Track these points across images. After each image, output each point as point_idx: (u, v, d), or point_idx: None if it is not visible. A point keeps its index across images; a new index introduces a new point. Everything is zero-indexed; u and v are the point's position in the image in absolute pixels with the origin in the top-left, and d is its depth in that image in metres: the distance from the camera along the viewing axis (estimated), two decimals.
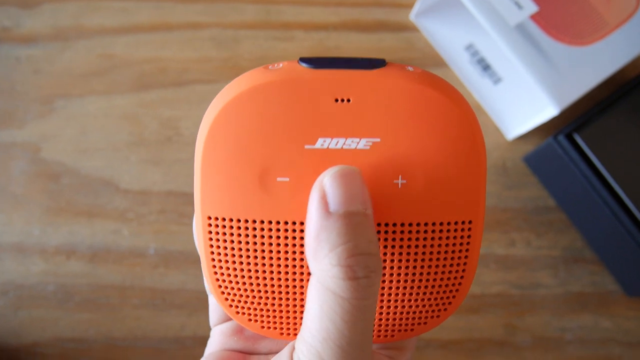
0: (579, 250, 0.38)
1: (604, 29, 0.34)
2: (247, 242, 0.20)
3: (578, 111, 0.38)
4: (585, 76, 0.33)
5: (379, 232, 0.20)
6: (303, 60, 0.19)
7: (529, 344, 0.37)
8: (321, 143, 0.19)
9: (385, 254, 0.20)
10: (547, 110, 0.34)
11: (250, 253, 0.20)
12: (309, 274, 0.20)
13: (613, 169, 0.34)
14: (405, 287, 0.21)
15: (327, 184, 0.18)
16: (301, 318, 0.21)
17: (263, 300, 0.21)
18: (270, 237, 0.20)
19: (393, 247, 0.20)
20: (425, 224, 0.20)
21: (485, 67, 0.39)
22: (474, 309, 0.37)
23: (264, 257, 0.20)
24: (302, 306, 0.21)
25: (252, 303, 0.21)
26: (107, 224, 0.38)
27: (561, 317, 0.38)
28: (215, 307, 0.25)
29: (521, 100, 0.38)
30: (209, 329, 0.26)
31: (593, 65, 0.33)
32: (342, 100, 0.19)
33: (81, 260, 0.38)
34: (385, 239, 0.20)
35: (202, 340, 0.37)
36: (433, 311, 0.21)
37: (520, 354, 0.37)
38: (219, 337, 0.24)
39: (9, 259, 0.38)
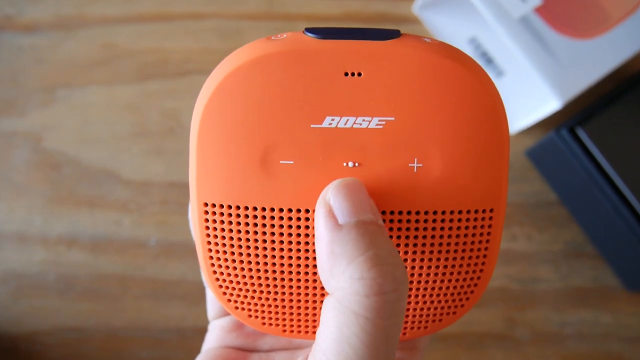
0: (580, 245, 0.38)
1: (607, 22, 0.33)
2: (247, 232, 0.18)
3: (581, 105, 0.37)
4: (588, 69, 0.33)
5: (391, 220, 0.18)
6: (309, 30, 0.17)
7: (528, 338, 0.37)
8: (329, 122, 0.17)
9: (398, 244, 0.19)
10: (549, 104, 0.34)
11: (251, 243, 0.18)
12: (315, 266, 0.19)
13: (616, 163, 0.34)
14: (419, 282, 0.19)
15: (331, 197, 0.17)
16: (306, 314, 0.20)
17: (264, 295, 0.19)
18: (273, 225, 0.18)
19: (407, 237, 0.18)
20: (443, 213, 0.18)
21: (488, 60, 0.39)
22: None
23: (265, 248, 0.19)
24: (307, 302, 0.20)
25: (253, 298, 0.19)
26: (109, 214, 0.38)
27: (561, 312, 0.38)
28: (213, 299, 0.24)
29: (524, 94, 0.38)
30: (210, 321, 0.25)
31: (596, 59, 0.33)
32: (353, 74, 0.17)
33: (82, 250, 0.38)
34: (399, 229, 0.18)
35: (202, 332, 0.36)
36: (449, 307, 0.20)
37: (520, 348, 0.37)
38: (217, 333, 0.23)
39: (10, 247, 0.38)
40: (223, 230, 0.18)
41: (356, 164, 0.18)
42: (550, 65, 0.33)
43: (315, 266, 0.19)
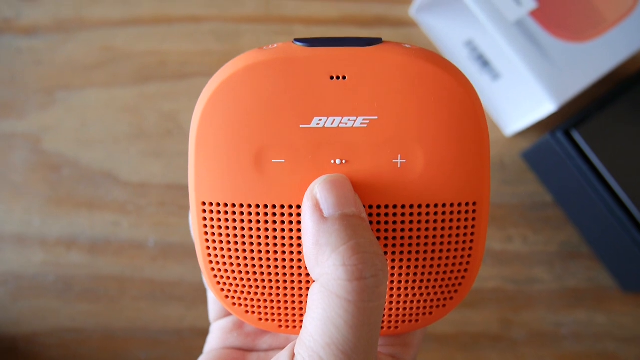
0: (576, 246, 0.38)
1: (602, 25, 0.34)
2: (243, 228, 0.19)
3: (576, 108, 0.38)
4: (583, 72, 0.33)
5: (378, 214, 0.19)
6: (298, 40, 0.19)
7: (524, 338, 0.38)
8: (317, 122, 0.19)
9: (386, 238, 0.20)
10: (545, 107, 0.34)
11: (246, 239, 0.19)
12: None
13: (610, 165, 0.34)
14: (408, 274, 0.20)
15: (318, 191, 0.18)
16: (301, 309, 0.21)
17: (260, 290, 0.20)
18: (267, 222, 0.19)
19: (394, 230, 0.19)
20: (427, 206, 0.19)
21: (484, 63, 0.39)
22: (469, 303, 0.38)
23: (260, 244, 0.20)
24: (301, 296, 0.20)
25: (249, 293, 0.20)
26: (107, 215, 0.38)
27: (557, 313, 0.38)
28: (214, 301, 0.24)
29: (519, 96, 0.38)
30: (208, 321, 0.25)
31: (591, 62, 0.34)
32: (338, 78, 0.18)
33: (81, 251, 0.38)
34: (386, 222, 0.19)
35: (200, 332, 0.37)
36: (439, 300, 0.20)
37: (516, 348, 0.38)
38: (218, 334, 0.24)
39: (9, 249, 0.38)
40: (220, 227, 0.20)
41: (343, 161, 0.19)
42: (546, 68, 0.33)
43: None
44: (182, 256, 0.38)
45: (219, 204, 0.19)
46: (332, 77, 0.18)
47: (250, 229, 0.19)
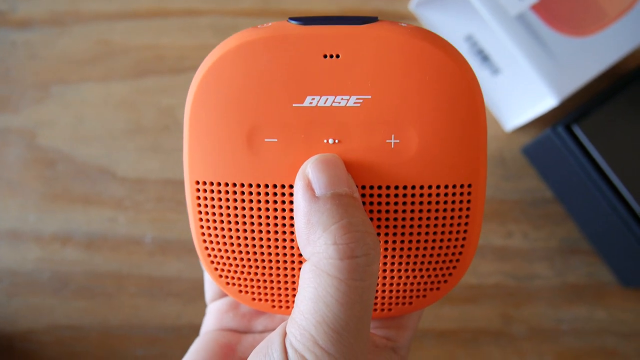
0: (576, 241, 0.38)
1: (603, 20, 0.34)
2: (236, 207, 0.19)
3: (577, 102, 0.38)
4: (584, 67, 0.33)
5: (371, 195, 0.19)
6: (292, 18, 0.18)
7: (524, 334, 0.37)
8: (309, 101, 0.18)
9: (379, 219, 0.19)
10: (546, 101, 0.34)
11: (239, 219, 0.19)
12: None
13: (611, 160, 0.34)
14: (401, 256, 0.20)
15: (310, 171, 0.18)
16: (293, 289, 0.21)
17: (253, 270, 0.20)
18: (259, 201, 0.19)
19: (387, 211, 0.19)
20: (421, 187, 0.19)
21: (484, 58, 0.39)
22: (470, 299, 0.38)
23: (252, 223, 0.19)
24: (294, 276, 0.20)
25: (242, 273, 0.20)
26: (104, 211, 0.38)
27: (557, 308, 0.38)
28: (210, 282, 0.25)
29: (520, 91, 0.38)
30: (207, 304, 0.25)
31: (593, 56, 0.33)
32: (331, 56, 0.18)
33: (77, 248, 0.37)
34: (379, 203, 0.19)
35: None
36: (432, 282, 0.20)
37: (516, 344, 0.37)
38: (214, 314, 0.24)
39: (4, 245, 0.37)
40: (213, 207, 0.19)
41: (336, 141, 0.19)
42: (547, 63, 0.33)
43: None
44: (180, 252, 0.37)
45: (212, 183, 0.19)
46: (325, 56, 0.18)
47: (243, 208, 0.19)
